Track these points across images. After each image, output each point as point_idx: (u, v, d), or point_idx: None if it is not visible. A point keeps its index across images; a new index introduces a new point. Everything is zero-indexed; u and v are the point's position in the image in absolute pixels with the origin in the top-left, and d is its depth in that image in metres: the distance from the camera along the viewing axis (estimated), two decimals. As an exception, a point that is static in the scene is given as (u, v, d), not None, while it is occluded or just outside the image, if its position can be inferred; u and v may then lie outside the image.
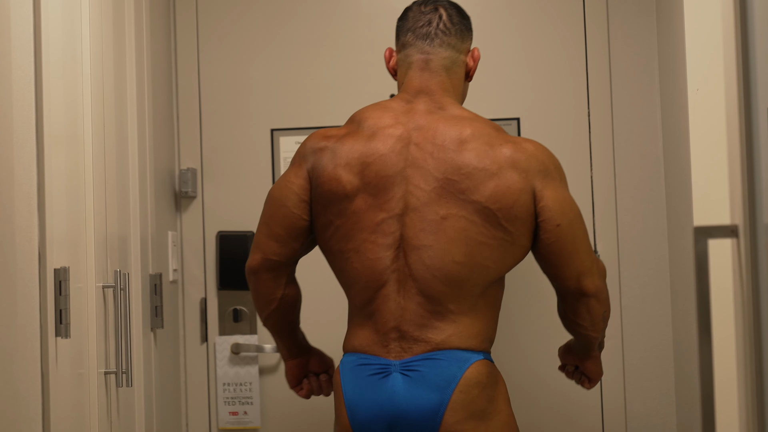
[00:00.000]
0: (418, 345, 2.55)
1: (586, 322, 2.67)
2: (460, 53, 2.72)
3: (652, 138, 3.45)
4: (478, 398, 2.54)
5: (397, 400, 2.52)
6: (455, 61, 2.72)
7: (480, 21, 3.49)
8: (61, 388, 2.22)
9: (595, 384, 2.91)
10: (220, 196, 3.57)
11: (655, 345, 3.43)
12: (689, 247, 2.95)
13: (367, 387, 2.55)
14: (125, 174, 2.86)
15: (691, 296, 2.97)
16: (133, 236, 2.91)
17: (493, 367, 2.61)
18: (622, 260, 3.46)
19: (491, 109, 3.48)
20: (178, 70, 3.59)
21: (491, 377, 2.58)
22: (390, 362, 2.55)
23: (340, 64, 3.55)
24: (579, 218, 2.66)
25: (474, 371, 2.54)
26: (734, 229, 1.75)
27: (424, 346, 2.55)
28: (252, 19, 3.59)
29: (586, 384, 2.89)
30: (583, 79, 3.50)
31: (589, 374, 2.87)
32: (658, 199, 3.44)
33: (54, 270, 2.19)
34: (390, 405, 2.52)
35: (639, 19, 3.47)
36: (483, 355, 2.58)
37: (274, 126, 3.57)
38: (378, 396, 2.53)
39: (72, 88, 2.39)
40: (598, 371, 2.87)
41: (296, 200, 2.67)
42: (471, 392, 2.52)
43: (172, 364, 3.41)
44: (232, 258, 3.54)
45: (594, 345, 2.79)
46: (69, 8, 2.40)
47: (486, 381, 2.56)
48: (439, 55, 2.69)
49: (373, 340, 2.59)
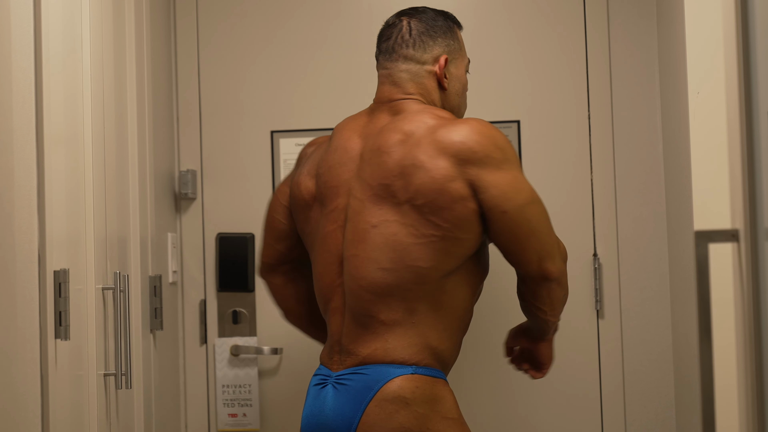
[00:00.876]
0: (350, 358, 2.56)
1: (546, 306, 2.63)
2: (422, 64, 2.70)
3: (653, 141, 3.45)
4: (399, 415, 2.47)
5: (325, 411, 2.55)
6: (417, 73, 2.69)
7: (480, 24, 3.49)
8: (61, 390, 2.22)
9: (543, 373, 2.82)
10: (219, 197, 3.57)
11: (654, 348, 3.43)
12: (689, 251, 2.95)
13: (310, 396, 2.62)
14: (125, 175, 2.86)
15: (691, 300, 2.97)
16: (133, 238, 2.91)
17: (432, 384, 2.51)
18: (622, 263, 3.45)
19: (491, 112, 3.48)
20: (178, 71, 3.59)
21: (423, 394, 2.49)
22: (330, 374, 2.59)
23: (340, 65, 3.55)
24: (531, 201, 2.54)
25: (394, 386, 2.48)
26: (735, 233, 1.75)
27: (354, 359, 2.55)
28: (252, 21, 3.59)
29: (531, 372, 2.83)
30: (583, 82, 3.49)
31: (541, 357, 2.81)
32: (659, 203, 3.44)
33: (54, 272, 2.18)
34: (320, 415, 2.56)
35: (639, 22, 3.47)
36: (414, 369, 2.51)
37: (274, 128, 3.57)
38: (314, 406, 2.59)
39: (72, 90, 2.39)
40: (550, 355, 2.83)
41: (277, 204, 2.81)
42: (387, 408, 2.47)
43: (171, 366, 3.41)
44: (231, 260, 3.54)
45: (550, 328, 2.75)
46: (69, 9, 2.39)
47: (412, 397, 2.48)
48: (397, 69, 2.70)
49: (326, 352, 2.66)
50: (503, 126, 3.47)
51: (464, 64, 2.77)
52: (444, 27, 2.73)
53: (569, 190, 3.47)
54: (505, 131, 3.48)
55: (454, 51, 2.73)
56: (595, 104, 3.49)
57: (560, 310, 2.67)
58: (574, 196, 3.47)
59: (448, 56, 2.70)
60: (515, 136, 3.48)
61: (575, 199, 3.47)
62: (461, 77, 2.75)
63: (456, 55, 2.73)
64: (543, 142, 3.50)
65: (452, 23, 2.76)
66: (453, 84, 2.72)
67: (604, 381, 3.44)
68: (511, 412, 3.46)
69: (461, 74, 2.75)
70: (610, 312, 3.46)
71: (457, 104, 2.74)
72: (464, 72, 2.77)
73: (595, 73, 3.49)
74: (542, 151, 3.48)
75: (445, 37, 2.72)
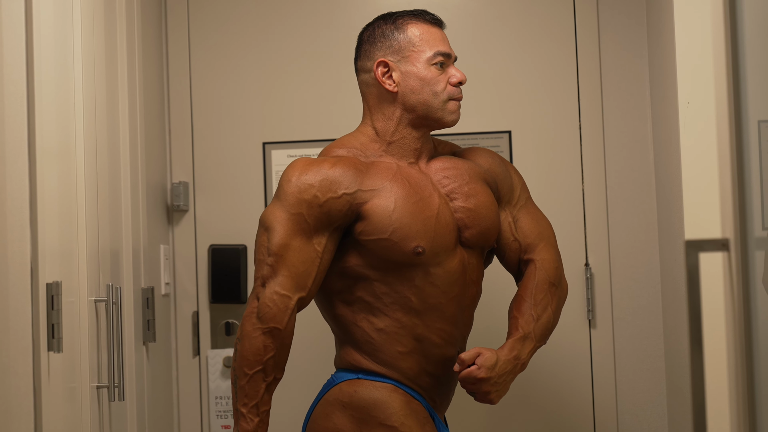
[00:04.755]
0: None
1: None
2: (368, 72, 2.72)
3: (643, 151, 3.46)
4: (334, 416, 2.63)
5: None
6: (365, 82, 2.74)
7: (471, 34, 3.50)
8: (54, 402, 2.22)
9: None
10: (212, 209, 3.57)
11: (646, 357, 3.44)
12: (680, 260, 2.96)
13: None
14: (117, 188, 2.86)
15: (682, 309, 2.98)
16: (125, 250, 2.91)
17: (373, 388, 2.64)
18: (614, 273, 3.46)
19: (483, 123, 3.49)
20: (170, 83, 3.59)
21: (361, 398, 2.63)
22: None
23: (332, 77, 3.56)
24: (258, 231, 2.63)
25: (337, 389, 2.66)
26: (725, 242, 1.75)
27: None
28: (243, 33, 3.59)
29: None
30: (574, 92, 3.50)
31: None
32: (650, 212, 3.45)
33: (46, 284, 2.18)
34: None
35: (630, 32, 3.49)
36: (333, 375, 2.70)
37: (266, 139, 3.57)
38: None
39: (64, 102, 2.39)
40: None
41: None
42: (326, 408, 2.66)
43: (164, 378, 3.40)
44: (224, 271, 3.54)
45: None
46: (61, 22, 2.40)
47: (349, 401, 2.63)
48: (359, 83, 2.77)
49: None
50: (494, 136, 3.48)
51: (422, 58, 2.68)
52: (384, 29, 2.72)
53: (560, 199, 3.47)
54: (496, 141, 3.49)
55: (401, 50, 2.68)
56: (585, 114, 3.50)
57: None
58: (565, 205, 3.48)
59: (390, 57, 2.68)
60: (507, 146, 3.49)
61: (567, 208, 3.48)
62: (419, 72, 2.67)
63: (405, 53, 2.68)
64: (534, 152, 3.51)
65: (398, 20, 2.72)
66: (406, 83, 2.67)
67: (596, 390, 3.44)
68: (503, 422, 3.46)
69: (419, 70, 2.67)
70: (602, 321, 3.46)
71: (419, 101, 2.67)
72: (426, 66, 2.67)
73: (585, 83, 3.50)
74: (534, 161, 3.48)
75: (384, 39, 2.70)
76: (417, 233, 2.58)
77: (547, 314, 2.70)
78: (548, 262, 2.75)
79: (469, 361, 2.59)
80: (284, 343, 2.56)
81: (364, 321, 2.63)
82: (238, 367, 2.56)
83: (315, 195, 2.57)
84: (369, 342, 2.63)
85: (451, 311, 2.65)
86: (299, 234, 2.57)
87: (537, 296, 2.70)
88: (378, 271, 2.61)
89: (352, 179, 2.60)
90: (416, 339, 2.63)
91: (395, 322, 2.62)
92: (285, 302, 2.55)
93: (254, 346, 2.54)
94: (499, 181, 2.79)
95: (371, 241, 2.59)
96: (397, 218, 2.58)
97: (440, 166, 2.72)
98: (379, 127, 2.70)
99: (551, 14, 3.52)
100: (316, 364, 3.36)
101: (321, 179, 2.59)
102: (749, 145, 1.69)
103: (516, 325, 2.68)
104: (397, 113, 2.69)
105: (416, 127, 2.69)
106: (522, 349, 2.64)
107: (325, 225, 2.58)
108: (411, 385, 2.63)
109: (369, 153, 2.69)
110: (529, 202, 2.84)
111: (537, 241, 2.78)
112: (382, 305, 2.62)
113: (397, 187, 2.61)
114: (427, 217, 2.60)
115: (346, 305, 2.65)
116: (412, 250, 2.58)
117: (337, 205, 2.58)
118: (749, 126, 1.70)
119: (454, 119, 2.70)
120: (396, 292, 2.61)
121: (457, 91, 2.69)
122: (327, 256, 2.60)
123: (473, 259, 2.70)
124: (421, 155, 2.72)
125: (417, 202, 2.61)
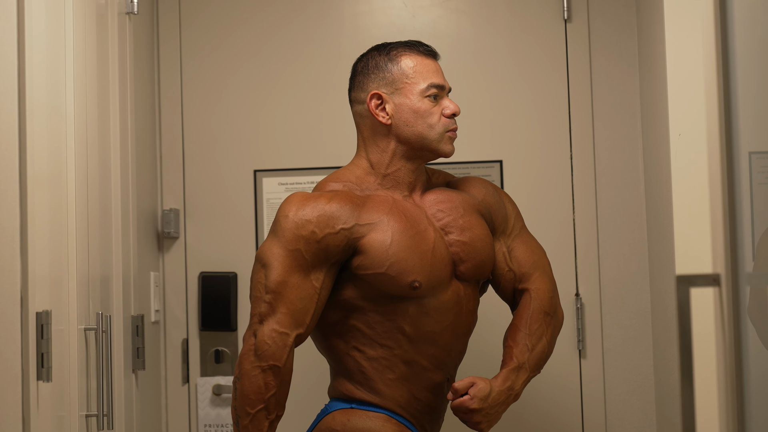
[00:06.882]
0: None
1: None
2: (361, 103, 2.72)
3: (635, 182, 3.47)
4: None
5: None
6: (359, 113, 2.73)
7: (463, 64, 3.51)
8: (43, 431, 2.21)
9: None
10: (202, 236, 3.57)
11: (637, 388, 3.44)
12: (671, 293, 2.96)
13: None
14: (108, 215, 2.86)
15: (673, 340, 2.98)
16: (116, 277, 2.90)
17: (365, 417, 2.64)
18: (604, 303, 3.46)
19: (474, 152, 3.49)
20: (162, 110, 3.59)
21: (354, 426, 2.63)
22: None
23: (324, 105, 3.56)
24: (255, 267, 2.62)
25: (329, 417, 2.66)
26: (716, 278, 1.75)
27: None
28: (235, 61, 3.60)
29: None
30: (565, 122, 3.51)
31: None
32: (641, 243, 3.45)
33: (36, 313, 2.18)
34: None
35: (621, 64, 3.50)
36: (327, 404, 2.71)
37: (257, 167, 3.57)
38: None
39: (55, 130, 2.39)
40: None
41: None
42: None
43: (153, 406, 3.39)
44: (214, 299, 3.53)
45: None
46: (53, 51, 2.40)
47: (342, 429, 2.63)
48: (353, 114, 2.76)
49: None
50: (486, 165, 3.49)
51: (416, 90, 2.67)
52: (377, 60, 2.71)
53: (551, 229, 3.47)
54: (487, 171, 3.49)
55: (394, 82, 2.68)
56: (577, 145, 3.50)
57: None
58: (556, 235, 3.48)
59: (384, 89, 2.68)
60: (498, 176, 3.49)
61: (557, 238, 3.48)
62: (412, 104, 2.66)
63: (399, 85, 2.67)
64: (525, 182, 3.51)
65: (392, 51, 2.71)
66: (400, 115, 2.67)
67: (587, 421, 3.44)
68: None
69: (412, 102, 2.66)
70: (593, 352, 3.46)
71: (413, 133, 2.66)
72: (419, 98, 2.66)
73: (577, 114, 3.51)
74: (525, 191, 3.49)
75: (378, 71, 2.70)
76: (414, 267, 2.58)
77: (542, 344, 2.70)
78: (543, 291, 2.75)
79: (462, 391, 2.59)
80: (284, 380, 2.55)
81: (357, 351, 2.63)
82: (239, 406, 2.54)
83: (312, 231, 2.57)
84: (361, 371, 2.62)
85: (445, 339, 2.65)
86: (297, 270, 2.56)
87: (532, 326, 2.70)
88: (373, 303, 2.61)
89: (350, 214, 2.60)
90: (406, 363, 2.63)
91: (387, 350, 2.62)
92: (283, 340, 2.54)
93: (255, 384, 2.53)
94: (494, 212, 2.79)
95: (368, 275, 2.59)
96: (393, 252, 2.57)
97: (435, 199, 2.72)
98: (373, 160, 2.70)
99: (543, 46, 3.54)
100: (311, 392, 3.35)
101: (318, 215, 2.58)
102: (740, 178, 1.70)
103: (511, 354, 2.68)
104: (391, 145, 2.69)
105: (411, 159, 2.69)
106: (516, 379, 2.64)
107: (323, 260, 2.58)
108: (403, 413, 2.63)
109: (364, 186, 2.68)
110: (524, 230, 2.84)
111: (532, 270, 2.78)
112: (375, 334, 2.61)
113: (393, 221, 2.60)
114: (423, 252, 2.60)
115: (339, 336, 2.65)
116: (409, 284, 2.58)
117: (335, 240, 2.58)
118: (740, 158, 1.70)
119: (451, 150, 2.70)
120: (389, 321, 2.61)
121: (452, 123, 2.69)
122: (325, 292, 2.59)
123: (468, 290, 2.70)
124: (415, 188, 2.72)
125: (413, 236, 2.61)
